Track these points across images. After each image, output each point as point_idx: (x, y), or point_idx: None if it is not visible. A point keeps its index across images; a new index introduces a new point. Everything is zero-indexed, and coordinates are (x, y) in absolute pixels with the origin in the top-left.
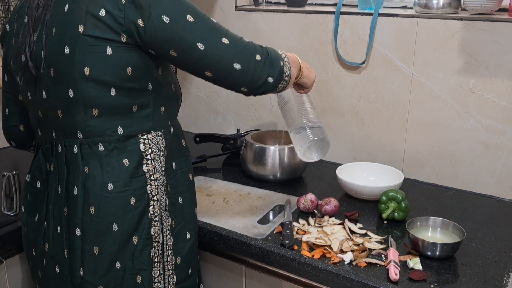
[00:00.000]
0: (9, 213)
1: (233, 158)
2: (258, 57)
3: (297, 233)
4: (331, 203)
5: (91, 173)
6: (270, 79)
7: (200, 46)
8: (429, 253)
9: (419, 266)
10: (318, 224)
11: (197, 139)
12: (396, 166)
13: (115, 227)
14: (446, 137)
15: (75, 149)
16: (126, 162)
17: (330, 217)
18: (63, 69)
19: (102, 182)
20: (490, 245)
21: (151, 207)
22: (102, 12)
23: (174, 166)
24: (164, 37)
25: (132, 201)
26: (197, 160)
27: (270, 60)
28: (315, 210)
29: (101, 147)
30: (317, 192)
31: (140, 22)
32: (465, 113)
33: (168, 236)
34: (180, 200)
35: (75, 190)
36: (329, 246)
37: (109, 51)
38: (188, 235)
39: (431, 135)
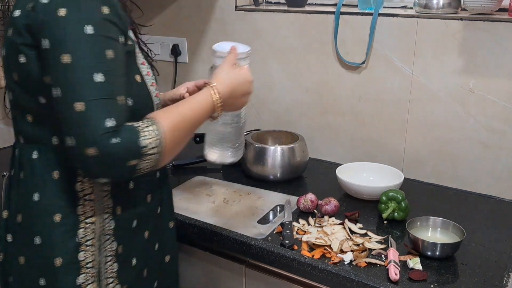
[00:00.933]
0: None
1: None
2: (91, 151)
3: (297, 233)
4: (331, 203)
5: (24, 180)
6: (103, 180)
7: (56, 92)
8: (429, 253)
9: (419, 266)
10: (318, 224)
11: (197, 139)
12: (396, 166)
13: (38, 241)
14: (446, 137)
15: (16, 153)
16: (56, 174)
17: (330, 217)
18: (5, 71)
19: (31, 190)
20: (490, 245)
21: (81, 229)
22: (17, 13)
23: (131, 185)
24: (42, 58)
25: (57, 217)
26: (197, 160)
27: (112, 160)
28: (315, 210)
29: (35, 155)
30: (317, 192)
31: (30, 31)
32: (465, 113)
33: (110, 262)
34: (134, 223)
35: (11, 195)
36: (329, 246)
37: (22, 59)
38: (133, 262)
39: (431, 135)
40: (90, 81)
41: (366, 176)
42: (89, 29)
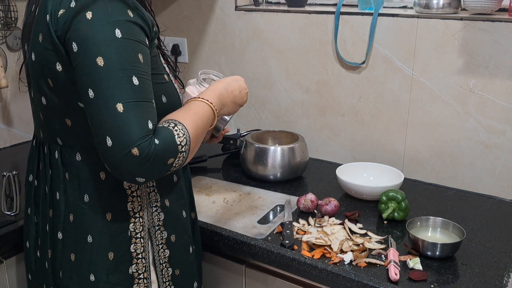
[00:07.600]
0: (9, 213)
1: (233, 158)
2: (134, 151)
3: (297, 233)
4: (331, 203)
5: (71, 180)
6: (141, 179)
7: (91, 93)
8: (429, 253)
9: (419, 266)
10: (318, 224)
11: None
12: (396, 166)
13: (90, 239)
14: (446, 137)
15: (56, 155)
16: (102, 175)
17: (330, 217)
18: (34, 76)
19: (79, 191)
20: (490, 245)
21: (131, 224)
22: (48, 18)
23: (175, 179)
24: (72, 61)
25: (108, 216)
26: (197, 160)
27: (153, 160)
28: (315, 210)
29: (78, 156)
30: (317, 192)
31: (60, 37)
32: (465, 113)
33: (162, 249)
34: (184, 214)
35: (57, 195)
36: (329, 246)
37: (58, 67)
38: (190, 249)
39: (431, 135)
40: (128, 84)
41: (366, 176)
42: (118, 33)
